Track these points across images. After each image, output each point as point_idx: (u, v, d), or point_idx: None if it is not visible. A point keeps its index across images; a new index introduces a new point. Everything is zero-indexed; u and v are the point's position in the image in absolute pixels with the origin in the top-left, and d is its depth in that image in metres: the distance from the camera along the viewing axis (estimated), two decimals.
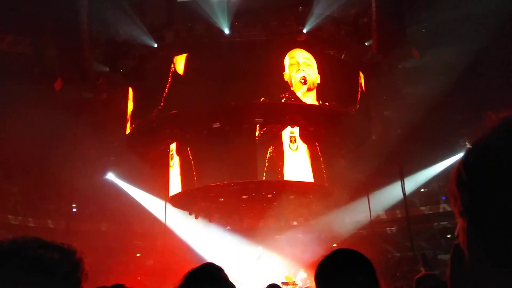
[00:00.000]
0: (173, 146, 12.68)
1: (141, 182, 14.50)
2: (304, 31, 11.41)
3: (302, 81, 11.11)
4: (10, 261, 1.09)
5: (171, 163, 12.59)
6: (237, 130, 11.78)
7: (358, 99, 11.86)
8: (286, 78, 11.17)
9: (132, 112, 12.37)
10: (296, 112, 11.79)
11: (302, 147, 11.82)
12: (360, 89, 12.01)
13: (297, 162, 11.70)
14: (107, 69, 11.85)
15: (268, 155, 11.73)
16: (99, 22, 10.52)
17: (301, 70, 11.21)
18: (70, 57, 10.39)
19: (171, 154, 12.67)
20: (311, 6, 11.20)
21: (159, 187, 13.65)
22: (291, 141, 11.67)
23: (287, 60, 11.37)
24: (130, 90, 12.57)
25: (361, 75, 12.22)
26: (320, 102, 11.29)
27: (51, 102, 11.45)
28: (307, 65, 11.41)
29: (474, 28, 10.18)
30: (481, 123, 0.96)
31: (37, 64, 11.49)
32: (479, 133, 0.95)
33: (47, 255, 1.13)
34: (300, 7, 11.65)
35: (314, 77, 11.37)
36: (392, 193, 14.23)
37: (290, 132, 11.76)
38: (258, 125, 11.88)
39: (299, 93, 11.15)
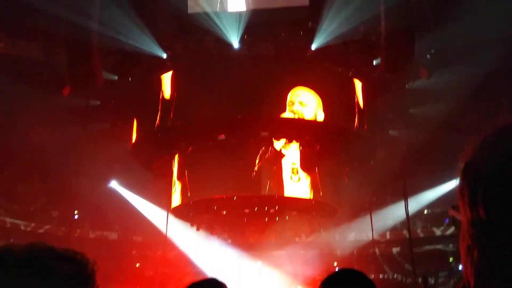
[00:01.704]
0: (178, 157, 12.67)
1: (144, 191, 14.49)
2: (313, 47, 11.48)
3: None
4: (23, 270, 1.09)
5: (175, 173, 12.57)
6: (242, 143, 11.78)
7: (357, 112, 11.86)
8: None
9: (139, 121, 12.43)
10: (301, 128, 11.82)
11: (303, 175, 11.82)
12: (357, 102, 12.00)
13: (305, 180, 11.72)
14: (116, 77, 11.94)
15: (272, 170, 11.72)
16: (110, 30, 10.62)
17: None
18: (80, 64, 10.50)
19: (175, 165, 12.65)
20: (320, 22, 11.27)
21: (161, 197, 13.62)
22: (293, 172, 11.69)
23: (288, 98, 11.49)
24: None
25: (357, 84, 12.21)
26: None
27: (59, 107, 11.54)
28: (303, 105, 11.50)
29: (484, 52, 10.19)
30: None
31: (47, 69, 11.60)
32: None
33: (60, 267, 1.13)
34: (310, 23, 11.70)
35: (311, 115, 11.46)
36: (395, 213, 14.11)
37: (292, 164, 11.76)
38: (263, 139, 11.90)
39: None
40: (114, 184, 14.52)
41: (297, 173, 11.73)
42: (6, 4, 10.49)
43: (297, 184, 11.64)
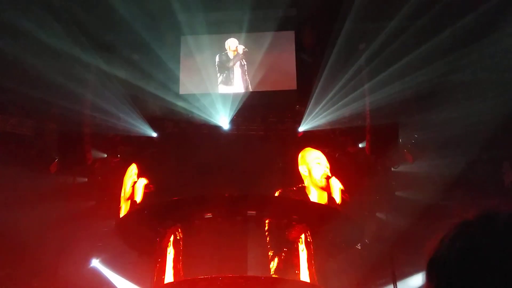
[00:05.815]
0: (163, 235, 12.42)
1: (126, 270, 14.03)
2: (300, 129, 11.78)
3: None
4: None
5: (160, 252, 12.25)
6: (229, 222, 11.64)
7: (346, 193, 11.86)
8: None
9: (125, 198, 12.30)
10: (289, 208, 11.74)
11: (301, 247, 11.59)
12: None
13: (292, 262, 11.41)
14: (105, 155, 12.01)
15: (262, 250, 11.49)
16: (101, 110, 10.85)
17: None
18: (70, 143, 10.60)
19: (160, 243, 12.37)
20: (307, 105, 11.68)
21: (144, 277, 13.18)
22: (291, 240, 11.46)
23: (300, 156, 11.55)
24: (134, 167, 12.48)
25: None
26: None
27: (44, 184, 11.43)
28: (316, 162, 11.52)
29: (466, 135, 10.50)
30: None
31: (36, 146, 11.64)
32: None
33: None
34: (297, 106, 12.11)
35: (321, 173, 11.40)
36: None
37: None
38: (251, 218, 11.78)
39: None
40: (95, 263, 14.06)
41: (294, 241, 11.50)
42: None
43: (293, 252, 11.32)
